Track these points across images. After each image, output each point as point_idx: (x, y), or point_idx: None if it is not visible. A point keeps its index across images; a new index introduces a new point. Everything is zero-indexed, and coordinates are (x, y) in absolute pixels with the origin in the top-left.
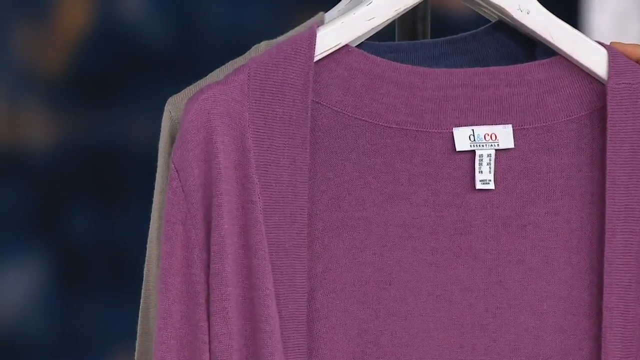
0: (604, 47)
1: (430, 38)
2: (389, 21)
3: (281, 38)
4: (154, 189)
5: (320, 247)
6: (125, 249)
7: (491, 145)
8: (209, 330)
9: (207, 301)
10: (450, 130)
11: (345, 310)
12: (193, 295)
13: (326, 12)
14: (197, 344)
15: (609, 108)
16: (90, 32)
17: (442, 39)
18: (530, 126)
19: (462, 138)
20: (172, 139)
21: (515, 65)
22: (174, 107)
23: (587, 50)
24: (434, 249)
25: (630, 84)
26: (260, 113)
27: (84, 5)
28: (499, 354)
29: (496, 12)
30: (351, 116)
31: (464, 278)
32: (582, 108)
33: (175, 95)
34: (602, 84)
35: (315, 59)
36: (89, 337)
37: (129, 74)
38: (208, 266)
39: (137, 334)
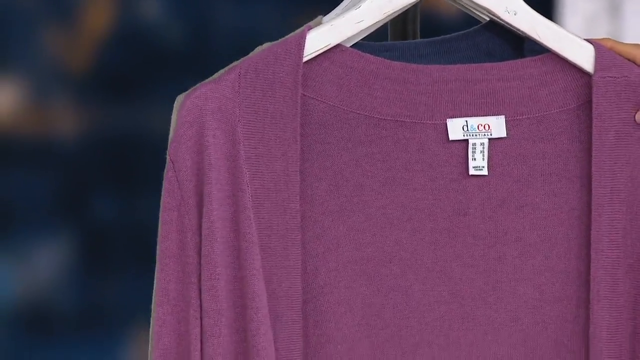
0: (591, 43)
1: (420, 38)
2: (379, 24)
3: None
4: None
5: (320, 230)
6: (144, 229)
7: (484, 134)
8: (200, 306)
9: (199, 280)
10: (444, 122)
11: (348, 286)
12: (187, 274)
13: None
14: (191, 319)
15: (594, 99)
16: (113, 33)
17: (434, 38)
18: (523, 117)
19: (456, 128)
20: None
21: (507, 61)
22: None
23: (573, 47)
24: (432, 229)
25: (614, 77)
26: (251, 109)
27: (107, 8)
28: (500, 324)
29: (485, 13)
30: (347, 110)
31: (463, 255)
32: (572, 100)
33: (184, 94)
34: (591, 77)
35: (305, 58)
36: (112, 310)
37: (148, 71)
38: (200, 248)
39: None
